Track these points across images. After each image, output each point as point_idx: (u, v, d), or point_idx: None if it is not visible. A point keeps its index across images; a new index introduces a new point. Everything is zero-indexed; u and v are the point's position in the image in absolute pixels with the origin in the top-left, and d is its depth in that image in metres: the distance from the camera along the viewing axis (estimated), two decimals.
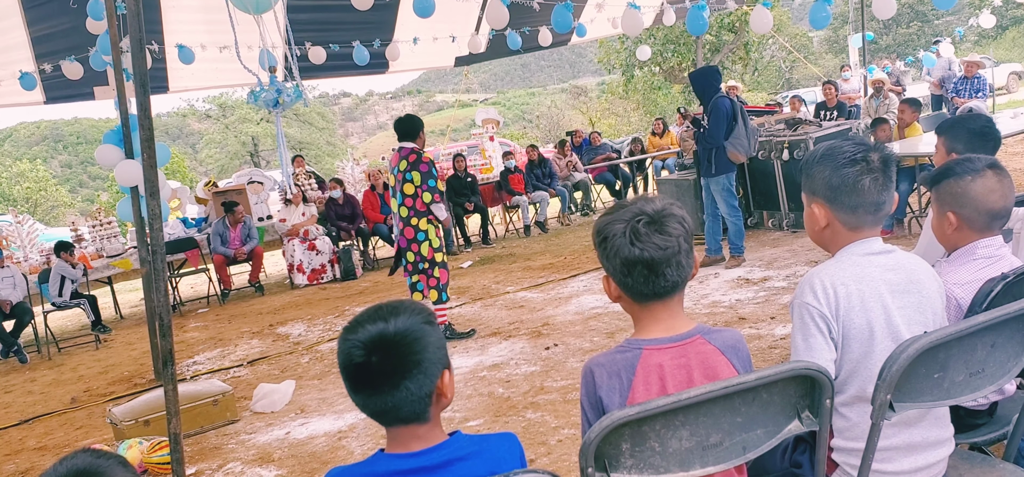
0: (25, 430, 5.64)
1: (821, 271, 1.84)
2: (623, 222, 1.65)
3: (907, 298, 1.81)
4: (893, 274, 1.82)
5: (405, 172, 5.72)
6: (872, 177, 1.82)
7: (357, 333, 1.44)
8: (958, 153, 2.80)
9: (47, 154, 51.67)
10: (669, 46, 27.90)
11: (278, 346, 6.94)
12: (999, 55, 30.83)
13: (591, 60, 46.64)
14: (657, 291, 1.66)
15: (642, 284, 1.65)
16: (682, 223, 1.66)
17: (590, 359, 1.72)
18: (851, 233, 1.87)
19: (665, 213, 1.65)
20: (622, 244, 1.64)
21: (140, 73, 3.57)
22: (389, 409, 1.45)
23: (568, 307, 6.59)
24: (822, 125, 8.58)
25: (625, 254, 1.64)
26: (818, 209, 1.90)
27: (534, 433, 3.98)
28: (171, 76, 11.02)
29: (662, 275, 1.64)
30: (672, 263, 1.64)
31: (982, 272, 2.15)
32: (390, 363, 1.43)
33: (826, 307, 1.78)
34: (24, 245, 10.09)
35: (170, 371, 3.49)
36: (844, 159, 1.84)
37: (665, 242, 1.62)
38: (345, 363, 1.45)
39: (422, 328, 1.46)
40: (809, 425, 1.59)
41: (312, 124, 45.69)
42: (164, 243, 3.85)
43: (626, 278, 1.66)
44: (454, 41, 12.68)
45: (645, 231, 1.63)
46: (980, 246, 2.21)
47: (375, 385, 1.44)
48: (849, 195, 1.83)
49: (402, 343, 1.44)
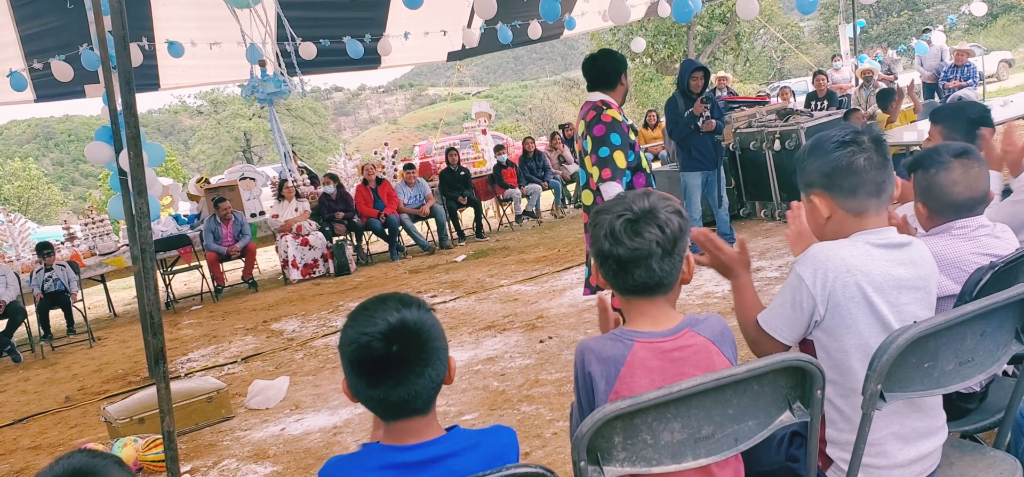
0: (19, 429, 5.63)
1: (830, 249, 1.79)
2: (610, 215, 1.68)
3: (912, 295, 1.79)
4: (904, 269, 1.79)
5: (583, 137, 4.38)
6: (866, 156, 1.79)
7: (373, 325, 1.42)
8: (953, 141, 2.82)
9: (38, 152, 51.48)
10: (661, 38, 27.93)
11: (272, 342, 6.94)
12: (989, 43, 30.92)
13: (583, 52, 46.53)
14: (629, 287, 1.69)
15: (613, 278, 1.69)
16: (663, 227, 1.64)
17: (583, 342, 1.72)
18: (856, 220, 1.82)
19: (648, 215, 1.65)
20: (599, 237, 1.68)
21: (125, 70, 3.54)
22: (411, 398, 1.45)
23: (562, 299, 6.59)
24: (813, 115, 8.59)
25: (598, 247, 1.68)
26: (818, 200, 1.87)
27: (529, 426, 3.99)
28: (162, 73, 10.98)
29: (630, 274, 1.66)
30: (641, 265, 1.64)
31: (957, 242, 2.19)
32: (412, 351, 1.43)
33: (819, 291, 1.76)
34: (16, 244, 10.05)
35: (162, 369, 3.49)
36: (833, 143, 1.82)
37: (637, 244, 1.63)
38: (362, 356, 1.43)
39: (430, 315, 1.49)
40: (800, 416, 1.60)
41: (304, 119, 45.59)
42: (154, 241, 3.84)
43: (602, 268, 1.71)
44: (446, 35, 12.66)
45: (621, 229, 1.65)
46: (956, 225, 2.24)
47: (398, 375, 1.43)
48: (846, 176, 1.80)
49: (422, 330, 1.45)
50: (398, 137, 47.31)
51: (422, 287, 8.33)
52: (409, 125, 59.67)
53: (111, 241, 10.19)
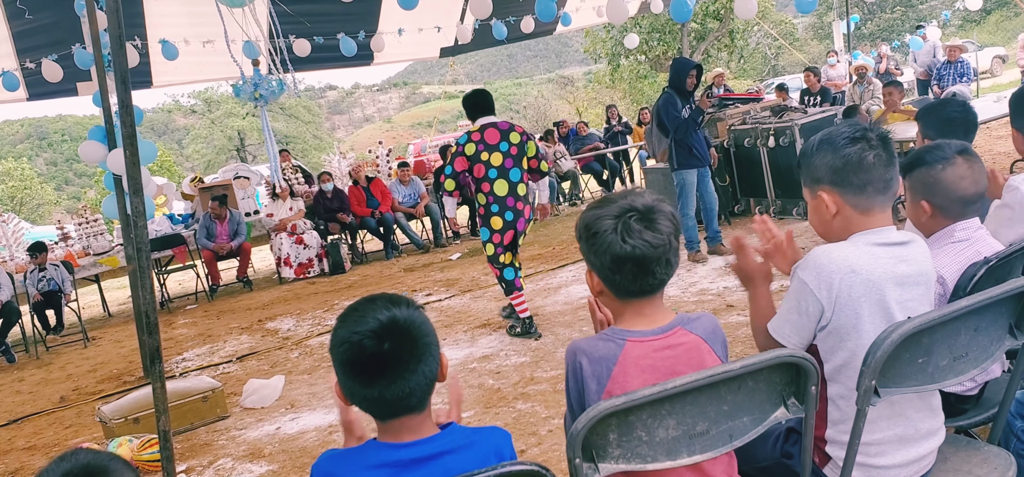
0: (14, 430, 5.61)
1: (831, 252, 1.78)
2: (613, 217, 1.62)
3: (915, 290, 1.79)
4: (905, 265, 1.79)
5: (520, 144, 5.42)
6: (875, 153, 1.78)
7: (364, 324, 1.42)
8: (931, 139, 2.79)
9: (32, 152, 51.33)
10: (655, 35, 27.90)
11: (267, 341, 6.92)
12: (983, 39, 31.02)
13: (577, 50, 46.61)
14: (644, 289, 1.64)
15: (630, 282, 1.63)
16: (672, 219, 1.64)
17: (574, 342, 1.70)
18: (863, 217, 1.81)
19: (656, 209, 1.63)
20: (613, 240, 1.60)
21: (121, 69, 3.53)
22: (405, 396, 1.45)
23: (557, 297, 6.59)
24: (807, 112, 8.60)
25: (615, 251, 1.60)
26: (826, 195, 1.84)
27: (524, 424, 3.99)
28: (155, 70, 10.93)
29: (651, 273, 1.62)
30: (661, 261, 1.62)
31: (961, 255, 2.16)
32: (404, 348, 1.43)
33: (824, 294, 1.74)
34: (9, 244, 10.01)
35: (158, 368, 3.48)
36: (844, 140, 1.81)
37: (657, 238, 1.60)
38: (354, 356, 1.43)
39: (420, 312, 1.49)
40: (795, 412, 1.60)
41: (298, 118, 45.49)
42: (149, 240, 3.83)
43: (614, 275, 1.63)
44: (439, 32, 12.63)
45: (637, 227, 1.60)
46: (957, 229, 2.22)
47: (391, 373, 1.43)
48: (856, 173, 1.78)
49: (413, 327, 1.45)
50: (392, 135, 47.32)
51: (417, 285, 8.32)
52: (403, 123, 59.66)
53: (105, 241, 10.16)
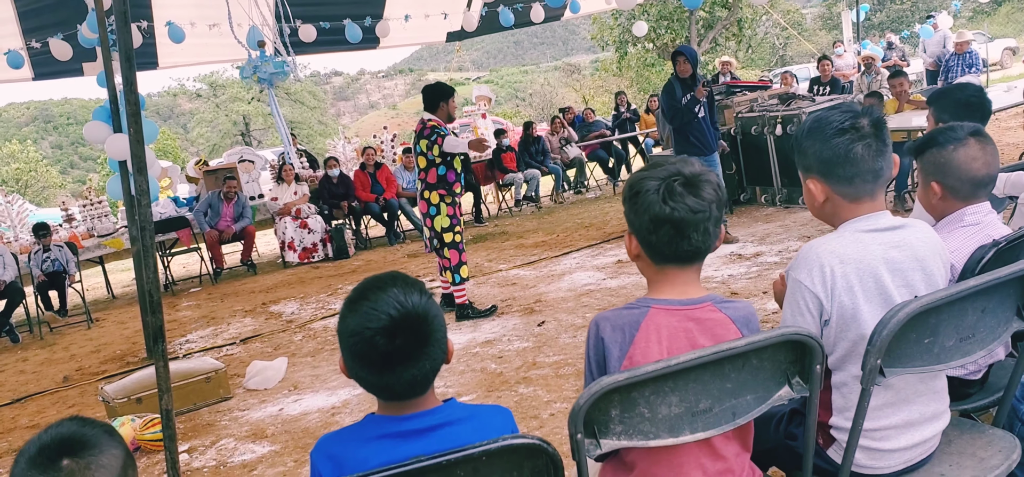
0: (18, 408, 5.63)
1: (819, 246, 1.78)
2: (658, 179, 1.63)
3: (909, 276, 1.77)
4: (897, 251, 1.77)
5: (415, 144, 5.80)
6: (864, 143, 1.75)
7: (376, 318, 1.40)
8: (945, 123, 2.77)
9: (37, 135, 51.42)
10: (663, 23, 27.75)
11: (271, 324, 6.93)
12: (994, 30, 30.77)
13: (584, 37, 46.45)
14: (680, 253, 1.64)
15: (665, 244, 1.63)
16: (717, 189, 1.64)
17: (598, 314, 1.70)
18: (852, 205, 1.80)
19: (702, 177, 1.63)
20: (654, 201, 1.62)
21: (125, 47, 3.52)
22: (412, 382, 1.45)
23: (560, 284, 6.58)
24: (816, 100, 8.55)
25: (655, 211, 1.61)
26: (814, 185, 1.84)
27: (526, 407, 3.99)
28: (160, 51, 10.94)
29: (688, 238, 1.62)
30: (700, 228, 1.62)
31: (971, 239, 2.13)
32: (416, 338, 1.43)
33: (820, 288, 1.73)
34: (14, 225, 10.03)
35: (161, 347, 3.47)
36: (832, 129, 1.78)
37: (698, 204, 1.60)
38: (365, 350, 1.41)
39: (431, 300, 1.48)
40: (799, 390, 1.59)
41: (303, 103, 45.35)
42: (153, 220, 3.82)
43: (651, 235, 1.64)
44: (446, 18, 12.59)
45: (680, 191, 1.61)
46: (967, 213, 2.20)
47: (401, 366, 1.43)
48: (843, 166, 1.77)
49: (425, 321, 1.45)
50: (397, 122, 47.16)
51: (421, 271, 8.32)
52: (409, 110, 59.48)
53: (109, 222, 10.16)
